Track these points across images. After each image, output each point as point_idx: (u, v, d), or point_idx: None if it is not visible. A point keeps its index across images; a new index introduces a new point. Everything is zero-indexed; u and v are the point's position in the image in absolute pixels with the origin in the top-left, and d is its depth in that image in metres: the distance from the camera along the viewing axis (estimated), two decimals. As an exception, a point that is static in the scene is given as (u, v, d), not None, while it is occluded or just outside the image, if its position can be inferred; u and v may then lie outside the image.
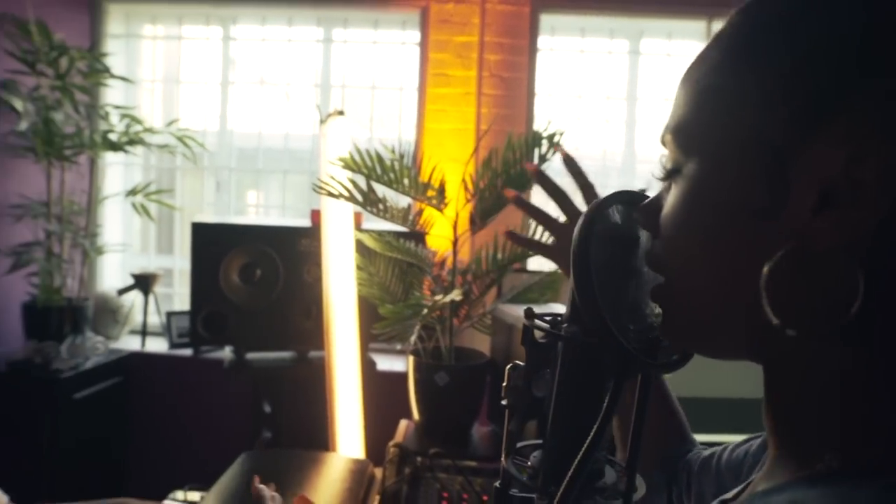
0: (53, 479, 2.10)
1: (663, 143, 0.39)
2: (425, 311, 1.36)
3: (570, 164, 0.71)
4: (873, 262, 0.28)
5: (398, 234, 1.65)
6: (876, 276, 0.28)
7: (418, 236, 1.78)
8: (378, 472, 1.44)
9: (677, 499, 0.62)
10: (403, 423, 1.66)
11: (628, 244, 0.42)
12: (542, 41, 2.59)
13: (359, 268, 1.65)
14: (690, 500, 0.59)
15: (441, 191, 1.51)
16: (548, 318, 0.46)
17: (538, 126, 1.52)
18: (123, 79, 2.51)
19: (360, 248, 1.66)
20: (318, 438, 1.74)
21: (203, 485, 1.48)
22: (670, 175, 0.37)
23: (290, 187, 2.88)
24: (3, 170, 2.31)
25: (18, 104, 2.09)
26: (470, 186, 1.55)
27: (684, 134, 0.36)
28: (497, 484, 0.51)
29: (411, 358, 1.55)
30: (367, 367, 1.92)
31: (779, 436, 0.35)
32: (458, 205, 1.55)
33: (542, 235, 1.53)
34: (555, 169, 2.17)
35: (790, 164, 0.30)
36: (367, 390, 1.77)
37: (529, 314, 0.46)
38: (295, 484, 1.41)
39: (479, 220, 1.55)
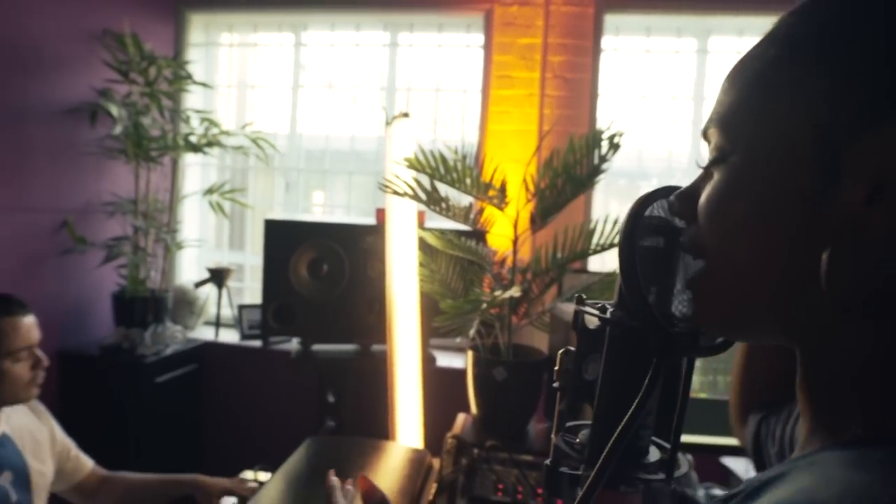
0: (135, 453, 2.27)
1: (705, 136, 0.41)
2: (484, 305, 1.40)
3: None
4: None
5: (460, 233, 1.70)
6: None
7: (479, 235, 1.82)
8: (436, 462, 1.48)
9: (764, 440, 0.64)
10: (461, 417, 1.71)
11: (673, 236, 0.45)
12: (607, 41, 2.58)
13: (421, 265, 1.70)
14: (774, 444, 0.61)
15: (502, 190, 1.54)
16: (597, 306, 0.49)
17: (600, 126, 1.53)
18: (204, 84, 2.67)
19: (423, 245, 1.71)
20: (379, 429, 1.80)
21: (270, 466, 1.57)
22: (713, 163, 0.39)
23: (355, 187, 2.98)
24: (99, 170, 2.51)
25: (114, 110, 2.27)
26: (531, 186, 1.58)
27: (732, 124, 0.38)
28: (547, 461, 0.55)
29: (470, 353, 1.59)
30: (427, 361, 1.97)
31: (811, 413, 0.37)
32: (519, 204, 1.58)
33: (609, 236, 1.54)
34: (614, 170, 2.16)
35: (843, 156, 0.32)
36: (426, 384, 1.82)
37: (580, 300, 0.49)
38: (356, 469, 1.48)
39: (540, 219, 1.58)
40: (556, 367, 0.54)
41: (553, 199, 1.51)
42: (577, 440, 0.51)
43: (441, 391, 1.94)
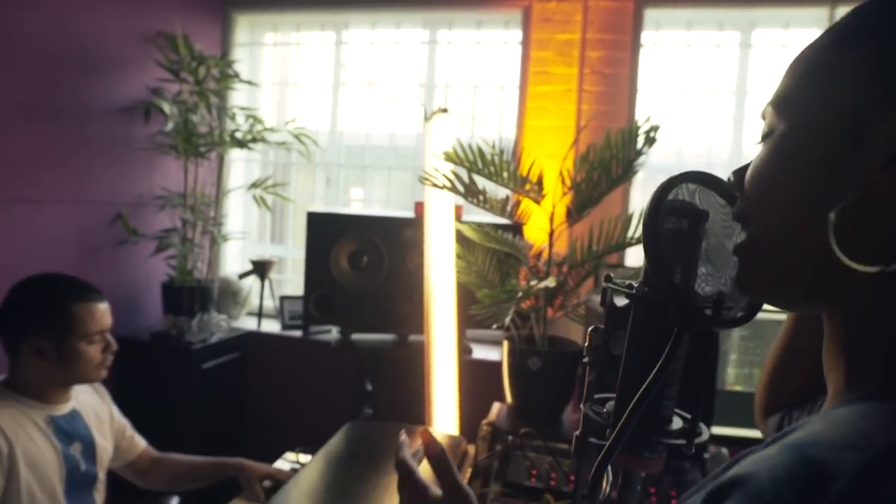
0: (182, 434, 2.37)
1: (763, 116, 0.44)
2: (520, 294, 1.43)
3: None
4: None
5: (497, 226, 1.73)
6: None
7: (516, 228, 1.85)
8: (471, 448, 1.52)
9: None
10: (496, 406, 1.74)
11: (696, 217, 0.47)
12: (646, 36, 2.57)
13: (458, 257, 1.74)
14: None
15: (539, 183, 1.56)
16: (625, 284, 0.52)
17: (637, 121, 1.54)
18: (249, 83, 2.76)
19: (460, 238, 1.75)
20: (415, 417, 1.85)
21: (311, 449, 1.63)
22: (763, 139, 0.43)
23: (393, 183, 3.03)
24: (151, 165, 2.62)
25: (166, 107, 2.38)
26: (567, 180, 1.60)
27: (783, 102, 0.42)
28: (577, 433, 0.58)
29: (506, 343, 1.62)
30: (463, 352, 2.01)
31: (835, 376, 0.39)
32: (556, 197, 1.60)
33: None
34: (653, 165, 2.13)
35: (867, 130, 0.35)
36: (462, 374, 1.85)
37: (608, 278, 0.52)
38: (393, 452, 1.53)
39: (576, 212, 1.60)
40: (586, 344, 0.58)
41: (589, 193, 1.53)
42: (605, 409, 0.54)
43: (476, 382, 1.97)
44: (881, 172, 0.34)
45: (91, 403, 1.47)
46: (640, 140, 1.43)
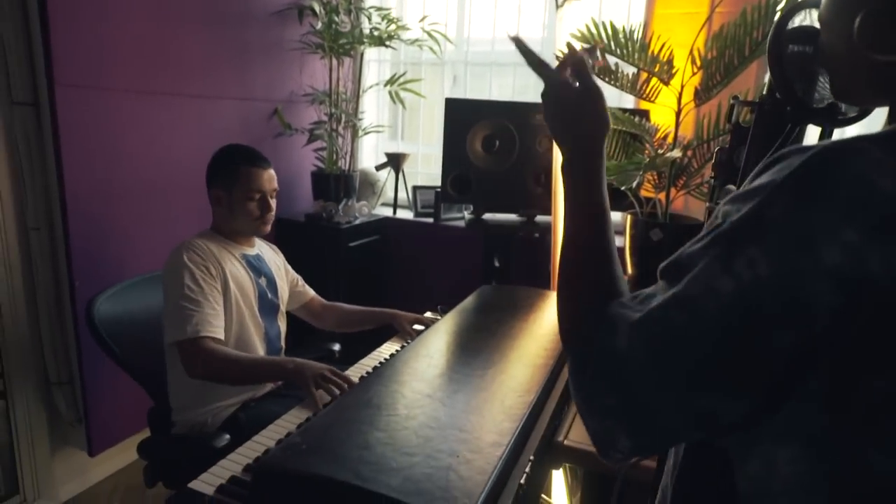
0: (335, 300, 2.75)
1: None
2: (647, 160, 1.54)
3: (520, 45, 0.79)
4: None
5: (623, 110, 1.81)
6: None
7: (642, 113, 1.92)
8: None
9: None
10: (617, 276, 1.89)
11: (817, 39, 0.59)
12: None
13: (585, 138, 1.85)
14: None
15: (669, 63, 1.62)
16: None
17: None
18: (384, -19, 2.91)
19: (588, 121, 1.85)
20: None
21: (448, 309, 1.87)
22: None
23: (517, 84, 3.11)
24: (300, 64, 2.90)
25: (317, 7, 2.59)
26: (697, 61, 1.64)
27: None
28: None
29: (629, 217, 1.75)
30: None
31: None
32: (684, 77, 1.66)
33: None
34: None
35: None
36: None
37: (735, 97, 0.65)
38: (524, 309, 1.75)
39: (703, 92, 1.65)
40: (713, 162, 0.72)
41: (719, 70, 1.57)
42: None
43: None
44: None
45: (271, 255, 1.81)
46: (779, 13, 1.44)
